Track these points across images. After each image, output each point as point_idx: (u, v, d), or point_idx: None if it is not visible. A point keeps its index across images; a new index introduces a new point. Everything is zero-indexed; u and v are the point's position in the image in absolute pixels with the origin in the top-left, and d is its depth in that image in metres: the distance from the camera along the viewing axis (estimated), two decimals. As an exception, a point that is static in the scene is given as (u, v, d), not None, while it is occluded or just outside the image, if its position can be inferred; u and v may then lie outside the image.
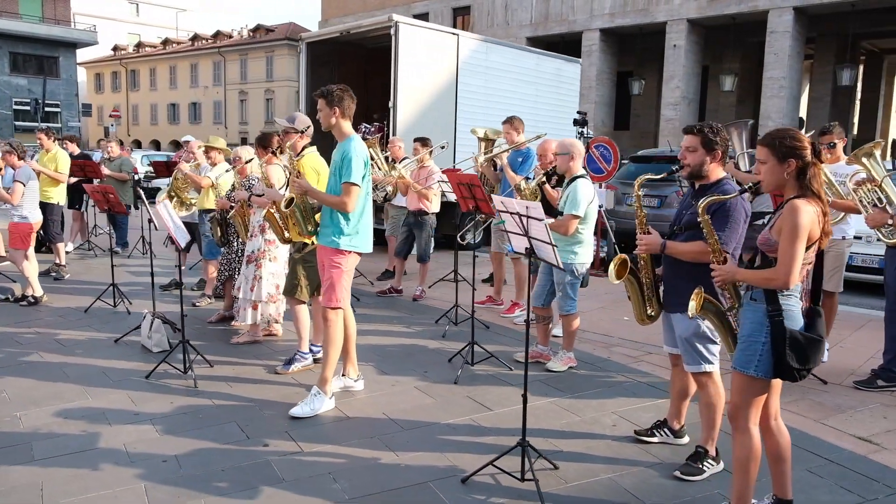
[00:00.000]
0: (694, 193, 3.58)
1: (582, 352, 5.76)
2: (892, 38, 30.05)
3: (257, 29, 50.33)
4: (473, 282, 6.39)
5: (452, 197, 6.82)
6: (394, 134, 9.85)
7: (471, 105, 10.83)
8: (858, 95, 31.33)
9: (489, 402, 4.72)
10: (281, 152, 6.11)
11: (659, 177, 3.67)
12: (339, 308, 4.53)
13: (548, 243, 3.48)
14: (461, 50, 10.65)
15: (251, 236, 5.99)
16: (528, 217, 3.50)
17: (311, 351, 5.38)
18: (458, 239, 7.86)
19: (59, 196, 8.77)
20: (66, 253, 10.54)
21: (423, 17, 34.75)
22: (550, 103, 12.19)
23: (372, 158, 7.44)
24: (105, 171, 10.53)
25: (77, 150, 10.84)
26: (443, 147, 8.08)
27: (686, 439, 4.04)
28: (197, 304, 7.35)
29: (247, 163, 6.23)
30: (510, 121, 6.88)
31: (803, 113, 29.15)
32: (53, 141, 8.90)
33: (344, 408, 4.58)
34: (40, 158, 8.96)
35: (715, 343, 3.58)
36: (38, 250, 10.35)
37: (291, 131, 5.17)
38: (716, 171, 3.52)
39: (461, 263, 7.95)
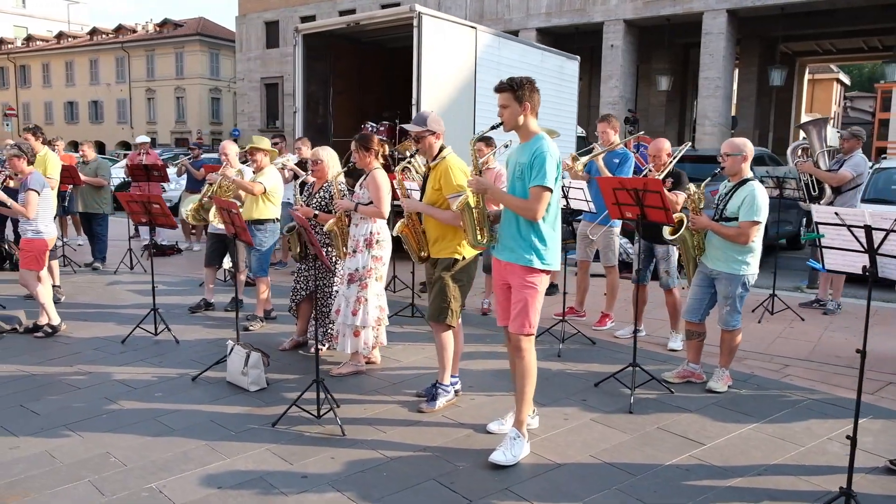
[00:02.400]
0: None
1: (712, 366, 5.30)
2: (807, 41, 31.75)
3: (164, 23, 47.53)
4: (564, 293, 5.91)
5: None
6: (417, 133, 9.12)
7: (486, 102, 10.23)
8: (774, 95, 32.87)
9: (690, 433, 4.18)
10: (382, 155, 5.37)
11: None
12: (533, 335, 3.87)
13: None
14: (478, 44, 10.04)
15: (353, 251, 5.19)
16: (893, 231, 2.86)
17: (451, 383, 4.67)
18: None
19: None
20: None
21: (350, 12, 33.75)
22: (553, 101, 11.74)
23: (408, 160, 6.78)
24: (82, 177, 9.23)
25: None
26: (506, 146, 7.44)
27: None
28: (250, 328, 6.41)
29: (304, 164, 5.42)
30: (607, 119, 6.37)
31: (733, 112, 30.21)
32: (42, 142, 7.64)
33: (543, 451, 3.92)
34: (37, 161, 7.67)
35: None
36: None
37: (427, 133, 4.46)
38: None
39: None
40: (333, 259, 5.60)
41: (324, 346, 5.75)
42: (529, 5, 29.44)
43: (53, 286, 7.47)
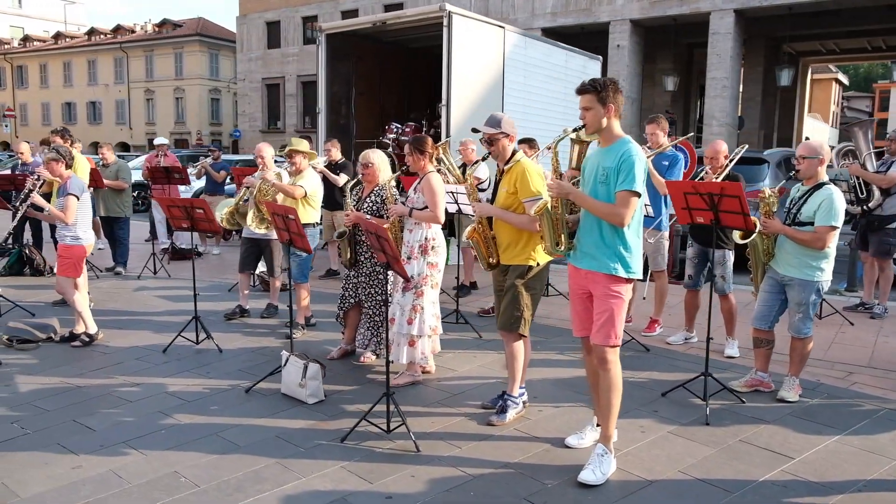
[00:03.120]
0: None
1: (777, 374, 5.16)
2: (812, 41, 31.71)
3: (163, 24, 47.19)
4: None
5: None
6: (447, 135, 8.97)
7: (513, 102, 10.09)
8: (778, 96, 32.82)
9: (774, 446, 4.03)
10: (436, 158, 5.21)
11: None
12: (619, 346, 3.72)
13: None
14: (506, 44, 9.89)
15: (408, 258, 5.02)
16: None
17: (520, 394, 4.50)
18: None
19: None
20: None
21: (353, 13, 33.59)
22: (576, 100, 11.61)
23: (440, 163, 6.61)
24: (105, 180, 9.03)
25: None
26: (549, 148, 7.30)
27: None
28: (294, 335, 6.23)
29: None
30: (656, 120, 6.21)
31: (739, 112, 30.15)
32: (71, 145, 7.45)
33: (629, 467, 3.76)
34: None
35: None
36: (18, 272, 8.83)
37: (501, 136, 4.30)
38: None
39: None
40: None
41: (375, 354, 5.60)
42: (535, 5, 29.31)
43: (83, 292, 7.31)
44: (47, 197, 6.10)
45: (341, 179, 8.41)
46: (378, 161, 5.41)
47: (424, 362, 5.15)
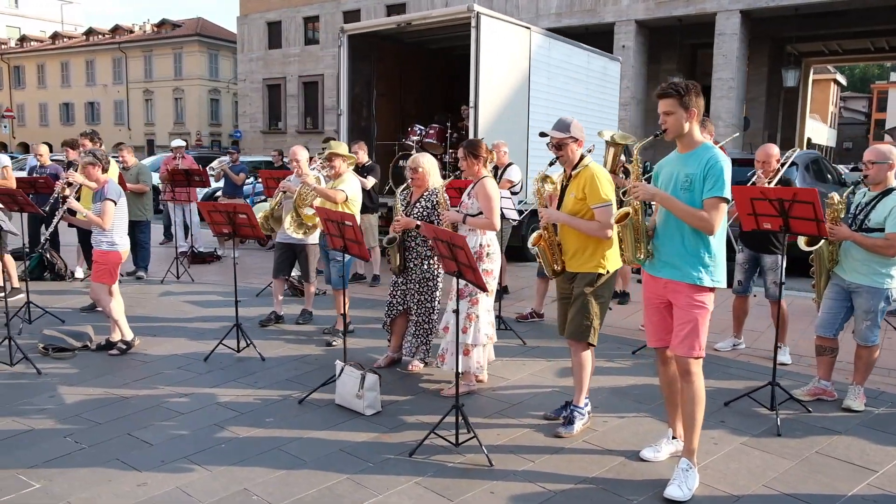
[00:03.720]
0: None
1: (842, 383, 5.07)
2: (816, 41, 31.72)
3: (162, 24, 46.94)
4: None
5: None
6: (475, 135, 8.85)
7: (538, 105, 9.99)
8: (782, 96, 32.83)
9: (853, 458, 3.94)
10: (489, 163, 5.10)
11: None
12: (703, 357, 3.61)
13: None
14: (532, 45, 9.79)
15: (463, 264, 4.90)
16: None
17: (585, 404, 4.39)
18: None
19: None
20: (80, 280, 8.92)
21: (355, 13, 33.45)
22: (597, 103, 11.54)
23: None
24: (127, 184, 8.88)
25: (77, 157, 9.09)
26: (590, 151, 7.20)
27: None
28: (333, 343, 6.11)
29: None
30: (703, 124, 6.06)
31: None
32: (100, 147, 7.31)
33: (711, 481, 3.65)
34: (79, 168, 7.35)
35: None
36: (38, 276, 8.68)
37: (570, 140, 4.19)
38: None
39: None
40: (438, 272, 5.32)
41: (423, 363, 5.48)
42: (539, 6, 29.25)
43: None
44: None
45: (369, 182, 8.29)
46: (427, 165, 5.29)
47: (479, 372, 5.03)
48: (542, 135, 4.31)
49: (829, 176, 10.89)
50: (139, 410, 4.59)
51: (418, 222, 5.16)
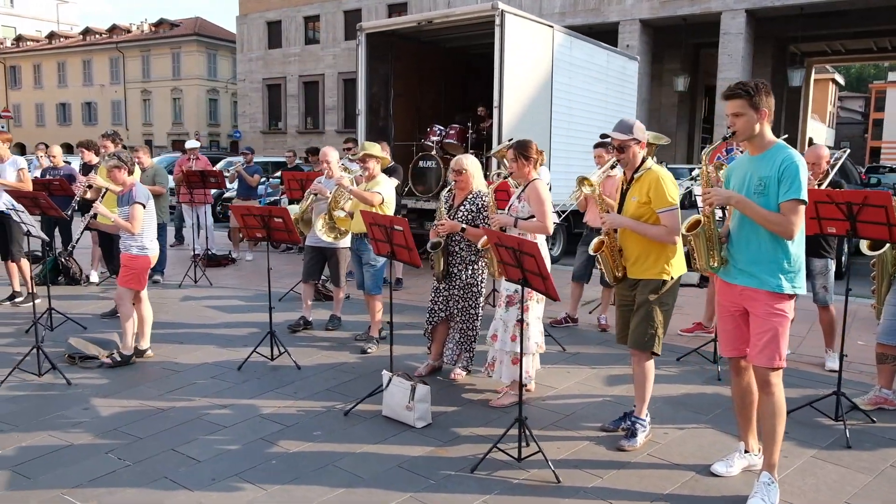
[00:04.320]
0: None
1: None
2: (819, 41, 31.66)
3: (160, 23, 46.63)
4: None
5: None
6: (499, 136, 8.69)
7: (559, 104, 9.83)
8: (785, 96, 32.77)
9: (932, 473, 3.79)
10: (539, 164, 4.92)
11: None
12: (783, 367, 3.45)
13: None
14: (554, 44, 9.63)
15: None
16: None
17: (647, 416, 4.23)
18: None
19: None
20: (96, 284, 8.72)
21: (356, 12, 33.25)
22: (616, 102, 11.39)
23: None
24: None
25: (95, 159, 8.88)
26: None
27: None
28: (368, 349, 5.94)
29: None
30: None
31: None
32: (121, 148, 7.11)
33: (791, 497, 3.50)
34: (100, 171, 7.18)
35: None
36: (53, 281, 8.46)
37: (632, 142, 4.03)
38: None
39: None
40: (483, 278, 5.15)
41: (466, 371, 5.31)
42: (542, 5, 28.99)
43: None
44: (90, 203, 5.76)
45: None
46: (472, 167, 5.13)
47: (528, 381, 4.87)
48: (604, 136, 4.14)
49: (851, 177, 10.77)
50: (179, 423, 4.40)
51: (464, 225, 4.99)
